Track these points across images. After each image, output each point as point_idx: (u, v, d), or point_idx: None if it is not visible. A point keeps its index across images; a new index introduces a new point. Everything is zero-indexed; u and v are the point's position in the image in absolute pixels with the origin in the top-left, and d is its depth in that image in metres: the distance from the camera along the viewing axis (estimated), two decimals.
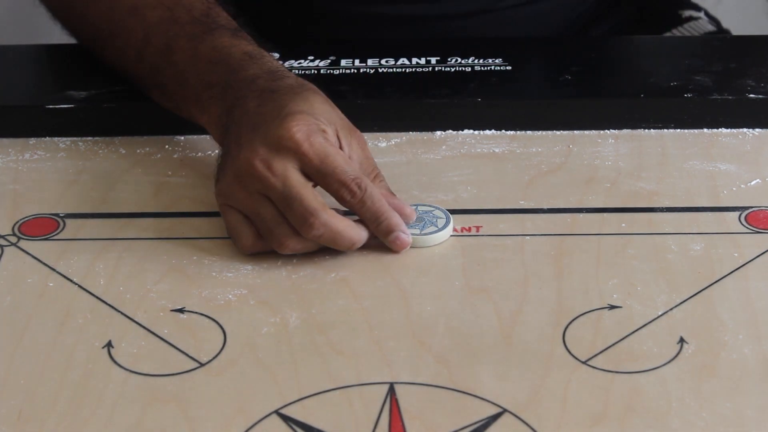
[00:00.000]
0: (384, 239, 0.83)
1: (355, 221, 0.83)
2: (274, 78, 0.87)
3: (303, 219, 0.81)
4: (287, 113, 0.82)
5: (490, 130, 0.97)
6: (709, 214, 0.87)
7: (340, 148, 0.84)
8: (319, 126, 0.83)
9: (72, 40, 1.05)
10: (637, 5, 1.23)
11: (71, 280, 0.82)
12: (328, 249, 0.83)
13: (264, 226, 0.82)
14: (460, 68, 1.01)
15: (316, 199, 0.81)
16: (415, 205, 0.87)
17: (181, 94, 0.92)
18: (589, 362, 0.74)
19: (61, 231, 0.87)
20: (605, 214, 0.87)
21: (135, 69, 0.96)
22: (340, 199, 0.82)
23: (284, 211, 0.81)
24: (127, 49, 0.96)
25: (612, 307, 0.78)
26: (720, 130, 0.97)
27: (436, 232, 0.85)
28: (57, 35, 1.07)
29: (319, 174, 0.82)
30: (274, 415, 0.70)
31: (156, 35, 0.94)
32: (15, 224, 0.88)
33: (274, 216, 0.82)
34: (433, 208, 0.87)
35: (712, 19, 1.22)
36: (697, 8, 1.22)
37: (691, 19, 1.21)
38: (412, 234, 0.84)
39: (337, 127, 0.84)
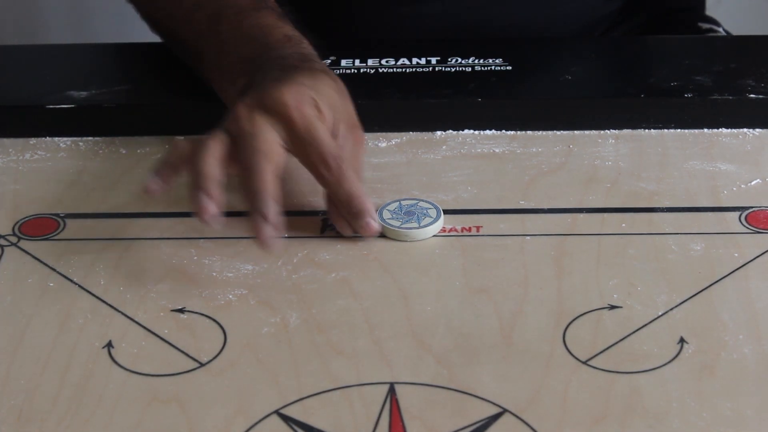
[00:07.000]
0: (353, 222, 0.82)
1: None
2: (303, 60, 0.87)
3: (252, 155, 0.80)
4: (288, 79, 0.83)
5: (490, 130, 0.97)
6: (710, 214, 0.87)
7: (334, 137, 0.83)
8: (315, 102, 0.82)
9: (71, 40, 1.05)
10: (656, 16, 1.23)
11: (71, 280, 0.82)
12: (327, 249, 0.83)
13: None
14: (460, 68, 1.01)
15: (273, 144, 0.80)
16: (399, 200, 0.87)
17: (218, 64, 0.92)
18: (589, 362, 0.74)
19: (61, 231, 0.87)
20: (605, 214, 0.87)
21: (181, 31, 0.97)
22: (316, 174, 0.82)
23: (238, 144, 0.80)
24: (179, 9, 0.97)
25: (612, 307, 0.78)
26: (720, 130, 0.97)
27: (432, 222, 0.85)
28: (57, 35, 1.07)
29: (300, 142, 0.81)
30: (274, 415, 0.70)
31: (208, 1, 0.95)
32: (15, 224, 0.88)
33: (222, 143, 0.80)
34: (417, 201, 0.87)
35: (729, 35, 1.22)
36: (716, 23, 1.22)
37: (711, 32, 1.21)
38: (411, 228, 0.84)
39: (340, 119, 0.84)
